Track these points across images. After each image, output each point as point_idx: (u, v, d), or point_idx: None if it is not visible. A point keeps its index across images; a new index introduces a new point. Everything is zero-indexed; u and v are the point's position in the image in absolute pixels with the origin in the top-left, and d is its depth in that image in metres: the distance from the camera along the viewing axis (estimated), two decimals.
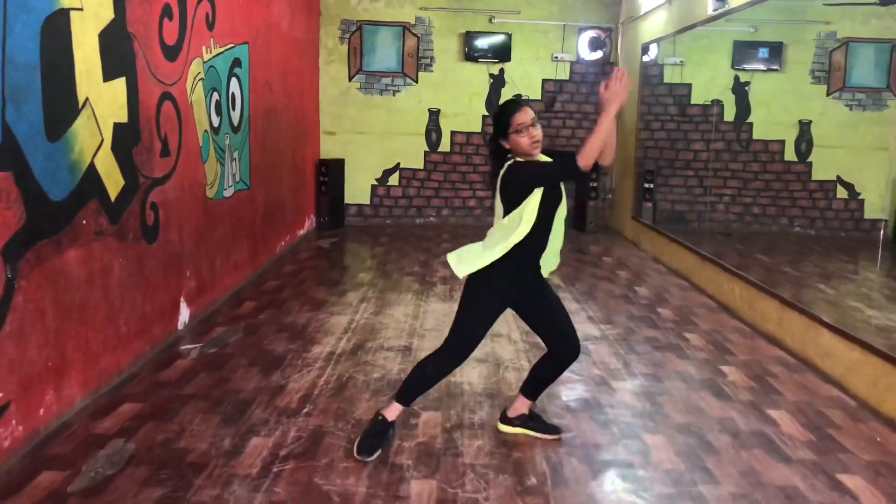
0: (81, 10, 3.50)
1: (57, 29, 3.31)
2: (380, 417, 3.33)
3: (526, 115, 3.11)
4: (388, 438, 3.35)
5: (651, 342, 5.07)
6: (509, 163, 3.19)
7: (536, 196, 3.12)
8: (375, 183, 10.09)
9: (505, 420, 3.57)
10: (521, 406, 3.54)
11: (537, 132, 3.13)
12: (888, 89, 7.41)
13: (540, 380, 3.51)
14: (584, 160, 2.93)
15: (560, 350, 3.39)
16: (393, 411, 3.34)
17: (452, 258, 3.25)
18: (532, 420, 3.55)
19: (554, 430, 3.54)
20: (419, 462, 3.21)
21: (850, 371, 4.24)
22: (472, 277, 3.23)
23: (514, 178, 3.15)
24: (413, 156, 10.06)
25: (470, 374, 4.32)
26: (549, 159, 3.19)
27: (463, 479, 3.08)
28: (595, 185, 9.79)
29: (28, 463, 3.08)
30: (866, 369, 4.08)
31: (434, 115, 9.97)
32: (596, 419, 3.78)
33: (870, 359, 4.07)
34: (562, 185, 3.26)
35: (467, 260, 3.21)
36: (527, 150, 3.13)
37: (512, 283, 3.26)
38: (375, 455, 3.24)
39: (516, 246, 3.13)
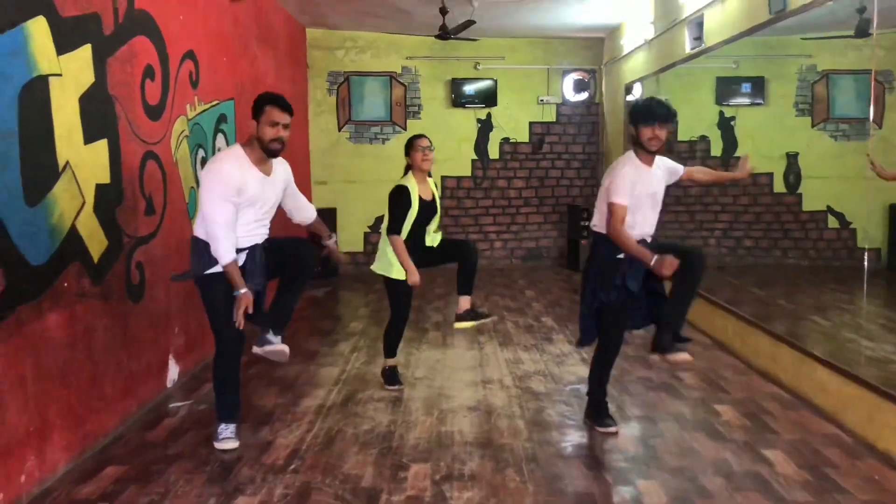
0: (60, 75, 3.54)
1: (35, 95, 3.35)
2: None
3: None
4: None
5: (644, 382, 5.02)
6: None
7: None
8: (368, 230, 10.11)
9: None
10: None
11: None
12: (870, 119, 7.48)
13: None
14: None
15: None
16: None
17: None
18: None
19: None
20: None
21: (845, 407, 4.18)
22: None
23: None
24: None
25: (461, 423, 4.27)
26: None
27: None
28: (586, 224, 9.79)
29: None
30: (862, 405, 4.02)
31: None
32: (589, 465, 3.72)
33: (865, 394, 4.01)
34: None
35: None
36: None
37: None
38: None
39: None
